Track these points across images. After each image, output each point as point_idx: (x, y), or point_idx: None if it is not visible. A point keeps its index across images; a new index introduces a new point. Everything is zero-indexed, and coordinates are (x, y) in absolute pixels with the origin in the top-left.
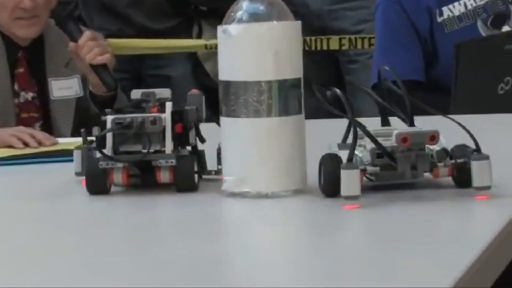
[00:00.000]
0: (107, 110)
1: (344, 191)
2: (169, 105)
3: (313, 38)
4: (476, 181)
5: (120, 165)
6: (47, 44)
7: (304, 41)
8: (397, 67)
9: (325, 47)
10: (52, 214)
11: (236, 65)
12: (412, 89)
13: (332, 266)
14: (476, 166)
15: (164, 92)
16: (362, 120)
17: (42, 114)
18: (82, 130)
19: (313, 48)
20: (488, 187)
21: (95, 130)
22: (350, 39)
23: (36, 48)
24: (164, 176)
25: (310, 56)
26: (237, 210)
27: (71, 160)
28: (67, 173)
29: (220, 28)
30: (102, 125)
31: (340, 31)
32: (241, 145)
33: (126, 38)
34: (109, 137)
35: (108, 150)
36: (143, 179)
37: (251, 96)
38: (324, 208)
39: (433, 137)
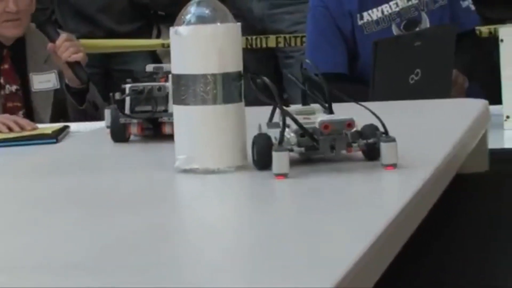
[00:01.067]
0: (127, 79)
1: (275, 169)
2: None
3: (254, 37)
4: (385, 160)
5: (135, 120)
6: (28, 44)
7: (246, 40)
8: (325, 61)
9: (264, 45)
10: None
11: (186, 61)
12: (337, 80)
13: (267, 231)
14: (384, 147)
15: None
16: (293, 105)
17: (24, 104)
18: (111, 94)
19: (254, 46)
20: (395, 165)
21: (117, 95)
22: (285, 38)
23: (19, 47)
24: (168, 129)
25: (252, 53)
26: (188, 184)
27: (49, 142)
28: (47, 153)
29: (172, 30)
30: (122, 91)
31: (278, 31)
32: (191, 128)
33: (96, 39)
34: (127, 100)
35: (126, 110)
36: (153, 131)
37: (198, 87)
38: (261, 181)
39: (350, 125)
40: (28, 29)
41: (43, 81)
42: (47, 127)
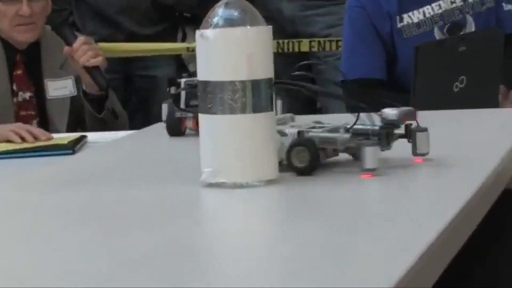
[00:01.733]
0: (183, 74)
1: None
2: None
3: (285, 41)
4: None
5: (190, 114)
6: (43, 48)
7: (277, 43)
8: (362, 66)
9: (296, 49)
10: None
11: (213, 67)
12: (375, 87)
13: (300, 246)
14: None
15: None
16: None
17: (39, 112)
18: (168, 88)
19: (285, 50)
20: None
21: (172, 89)
22: (319, 42)
23: (33, 52)
24: None
25: (283, 59)
26: (214, 199)
27: (65, 154)
28: (63, 164)
29: (198, 33)
30: (178, 85)
31: (311, 35)
32: (218, 139)
33: (116, 43)
34: (182, 94)
35: (182, 104)
36: None
37: (226, 94)
38: (292, 196)
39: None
40: (43, 32)
41: (59, 88)
42: (63, 137)
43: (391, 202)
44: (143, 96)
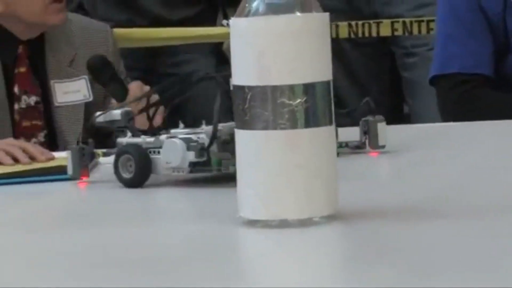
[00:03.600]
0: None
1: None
2: None
3: (360, 22)
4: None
5: None
6: (47, 40)
7: (349, 26)
8: (461, 57)
9: (374, 34)
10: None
11: (250, 67)
12: (479, 85)
13: None
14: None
15: None
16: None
17: (47, 122)
18: None
19: (360, 35)
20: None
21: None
22: (404, 23)
23: (36, 44)
24: None
25: (358, 48)
26: (255, 242)
27: (68, 179)
28: (65, 194)
29: (232, 23)
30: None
31: (395, 16)
32: (260, 163)
33: (137, 28)
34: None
35: None
36: None
37: (269, 104)
38: (356, 235)
39: None
40: None
41: (70, 92)
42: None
43: None
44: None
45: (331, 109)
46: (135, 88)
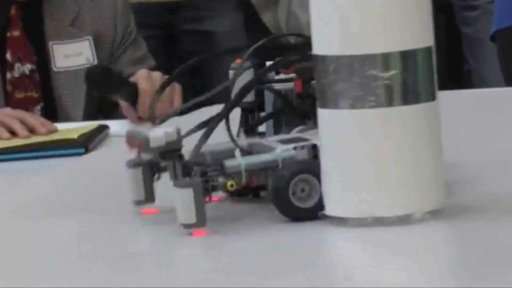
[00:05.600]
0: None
1: None
2: None
3: None
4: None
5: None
6: None
7: None
8: None
9: None
10: None
11: (333, 31)
12: None
13: None
14: None
15: None
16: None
17: (44, 93)
18: None
19: None
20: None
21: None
22: None
23: (33, 3)
24: None
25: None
26: (343, 244)
27: (74, 154)
28: (69, 171)
29: None
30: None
31: None
32: (347, 148)
33: None
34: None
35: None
36: None
37: (357, 77)
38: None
39: None
40: None
41: (72, 55)
42: (74, 129)
43: None
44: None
45: (434, 81)
46: (143, 79)
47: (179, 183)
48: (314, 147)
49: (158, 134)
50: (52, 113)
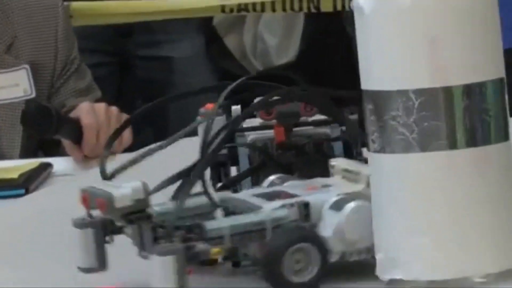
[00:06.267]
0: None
1: None
2: None
3: None
4: None
5: None
6: None
7: None
8: None
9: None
10: None
11: (378, 65)
12: None
13: None
14: None
15: None
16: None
17: None
18: None
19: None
20: None
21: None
22: None
23: None
24: None
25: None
26: None
27: (13, 195)
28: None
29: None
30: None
31: None
32: (397, 198)
33: (106, 1)
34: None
35: None
36: None
37: (409, 115)
38: None
39: None
40: None
41: (6, 86)
42: (13, 167)
43: None
44: (150, 91)
45: (507, 118)
46: (86, 114)
47: (158, 250)
48: (307, 206)
49: (124, 191)
50: None
